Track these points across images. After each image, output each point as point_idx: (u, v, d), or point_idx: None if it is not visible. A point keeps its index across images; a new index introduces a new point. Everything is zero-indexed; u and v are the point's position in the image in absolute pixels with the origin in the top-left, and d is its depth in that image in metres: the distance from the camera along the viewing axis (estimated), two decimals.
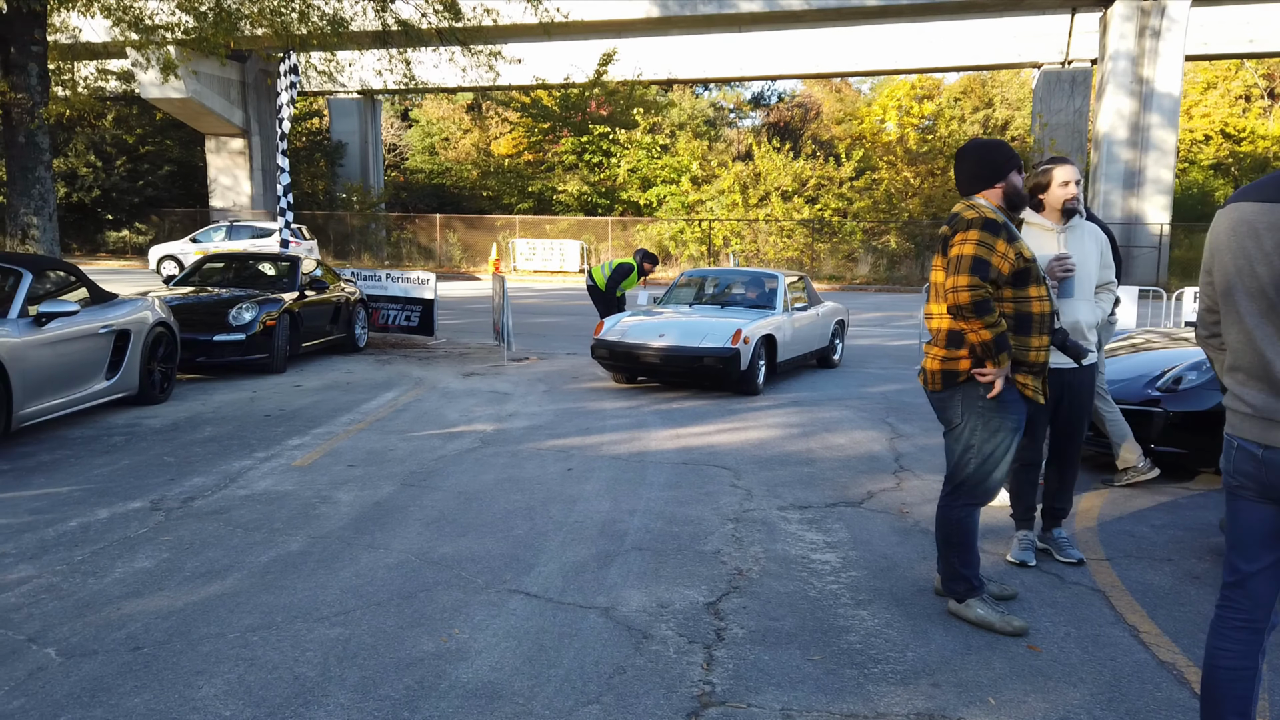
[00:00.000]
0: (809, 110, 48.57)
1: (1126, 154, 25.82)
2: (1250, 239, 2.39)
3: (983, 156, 3.75)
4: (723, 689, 3.19)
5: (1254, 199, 2.41)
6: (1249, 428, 2.43)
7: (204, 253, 24.97)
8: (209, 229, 26.49)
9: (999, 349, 3.53)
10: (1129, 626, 3.78)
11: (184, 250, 25.18)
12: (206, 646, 3.43)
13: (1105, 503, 5.61)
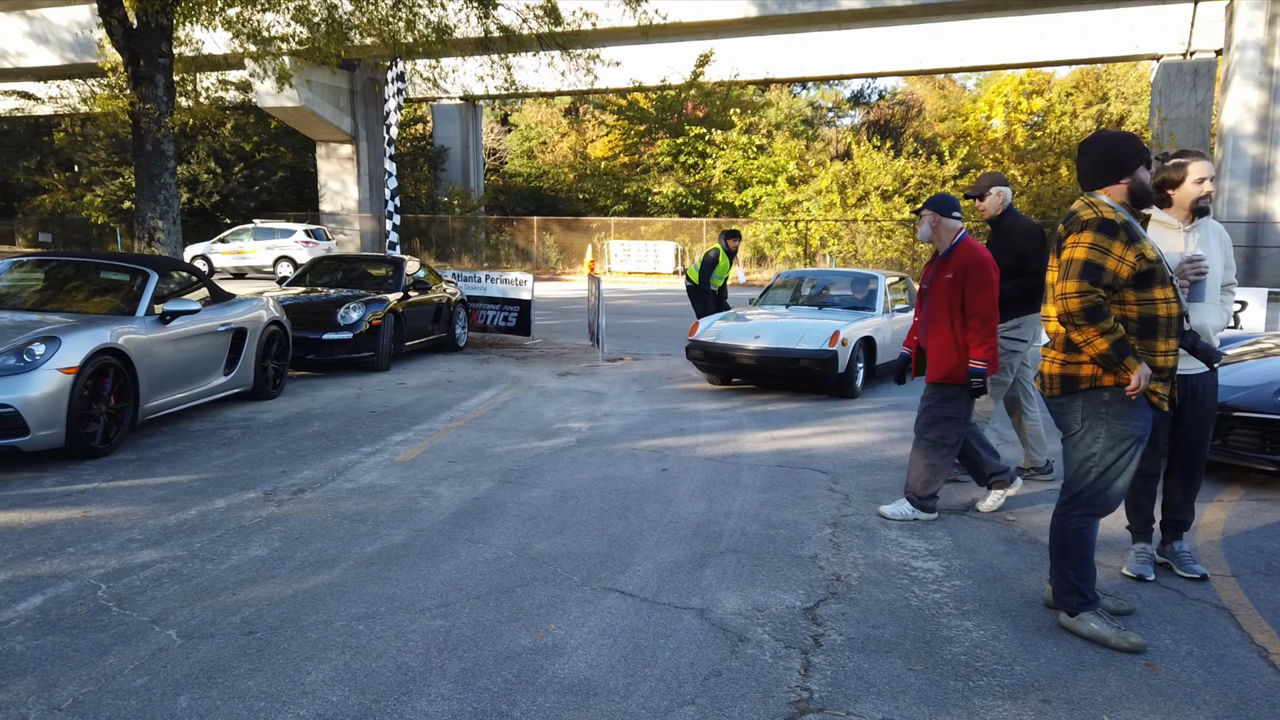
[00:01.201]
0: (911, 108, 47.51)
1: (1254, 149, 24.39)
2: None
3: (1108, 150, 3.56)
4: (820, 695, 3.13)
5: None
6: None
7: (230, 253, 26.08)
8: (236, 230, 27.50)
9: (1120, 356, 3.37)
10: (1258, 647, 3.55)
11: (213, 250, 26.23)
12: (315, 633, 3.55)
13: (1231, 516, 5.30)
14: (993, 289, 4.98)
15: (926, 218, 5.18)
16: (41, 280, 7.55)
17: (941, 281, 5.07)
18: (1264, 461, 5.77)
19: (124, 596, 3.86)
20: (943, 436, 5.06)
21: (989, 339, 4.94)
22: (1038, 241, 5.79)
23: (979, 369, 4.92)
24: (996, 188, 5.90)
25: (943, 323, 5.04)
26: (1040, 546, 4.67)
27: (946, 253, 5.11)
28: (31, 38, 32.19)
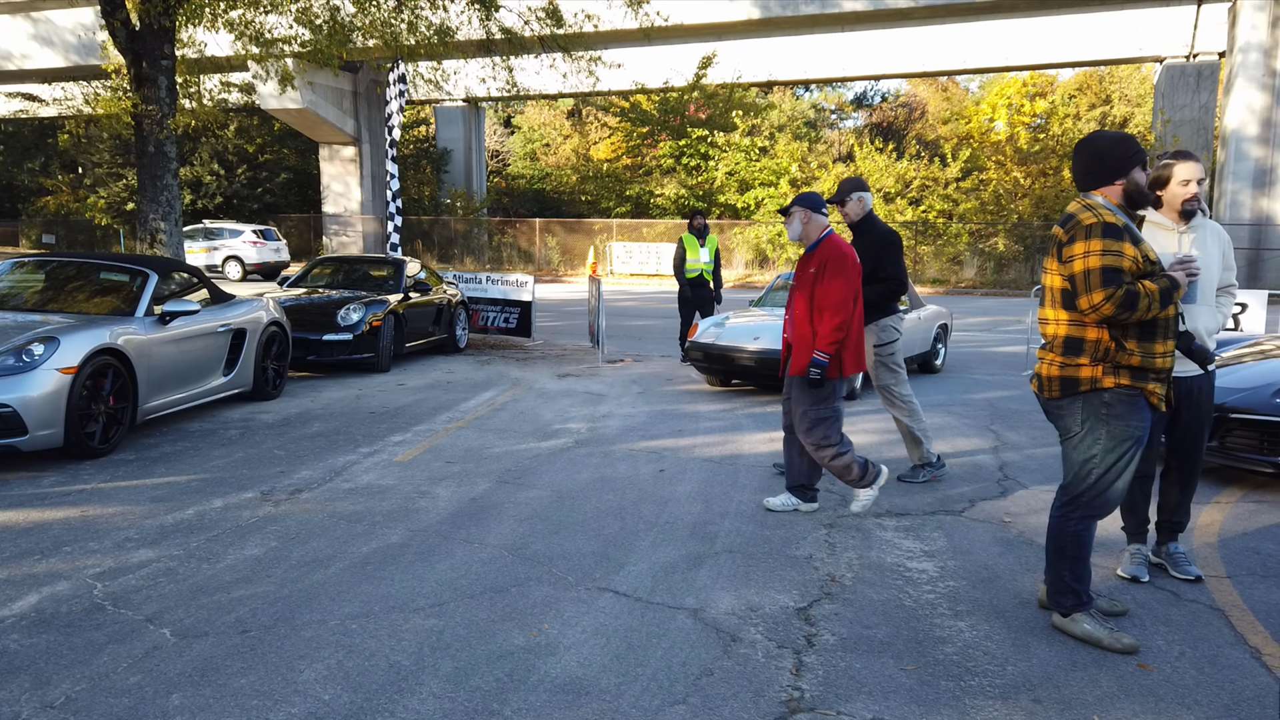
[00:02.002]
0: (914, 110, 47.49)
1: (1257, 151, 24.36)
2: None
3: (1104, 151, 3.54)
4: (812, 695, 3.13)
5: None
6: None
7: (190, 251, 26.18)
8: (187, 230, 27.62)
9: (1169, 298, 3.39)
10: (1251, 648, 3.55)
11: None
12: (309, 632, 3.56)
13: (1228, 517, 5.30)
14: (845, 283, 4.96)
15: (797, 215, 5.17)
16: (42, 281, 7.58)
17: (805, 276, 5.10)
18: (1262, 463, 5.77)
19: (119, 595, 3.87)
20: (825, 438, 5.07)
21: (837, 333, 4.93)
22: (894, 249, 5.87)
23: (821, 360, 4.92)
24: (857, 193, 5.92)
25: (804, 317, 5.05)
26: (1036, 548, 4.67)
27: (811, 248, 5.14)
28: (36, 40, 32.30)
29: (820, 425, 5.07)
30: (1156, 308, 3.36)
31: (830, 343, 4.94)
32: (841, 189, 5.96)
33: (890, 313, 5.95)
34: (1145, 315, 3.35)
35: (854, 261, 5.07)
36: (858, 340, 5.14)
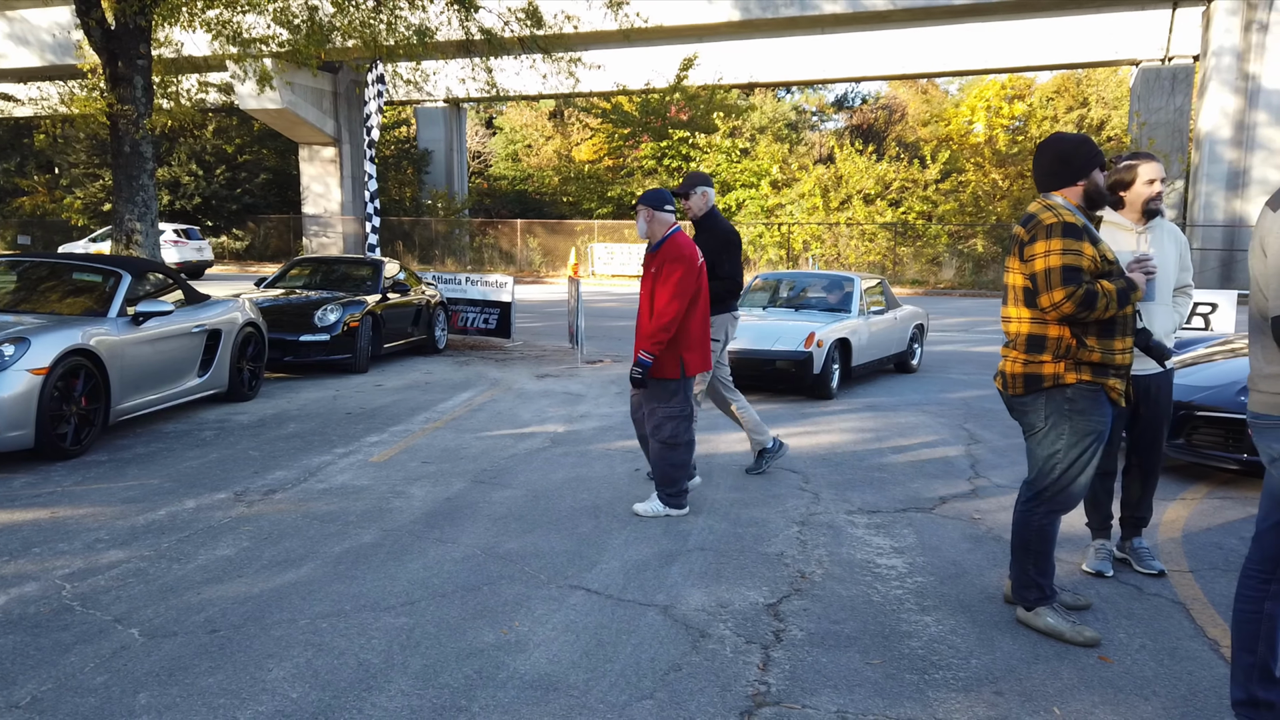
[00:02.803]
0: (894, 112, 47.76)
1: (1230, 154, 24.67)
2: None
3: (1064, 153, 3.61)
4: (778, 689, 3.17)
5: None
6: None
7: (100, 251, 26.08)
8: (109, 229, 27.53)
9: (1126, 298, 3.47)
10: (1210, 640, 3.62)
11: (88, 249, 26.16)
12: (278, 631, 3.56)
13: (1193, 514, 5.38)
14: (679, 283, 4.91)
15: (642, 213, 5.13)
16: (14, 281, 7.52)
17: (648, 276, 5.07)
18: (1227, 460, 5.86)
19: (88, 596, 3.86)
20: (673, 435, 5.06)
21: (660, 333, 4.89)
22: (734, 248, 5.86)
23: (645, 360, 4.91)
24: (701, 187, 5.86)
25: (646, 317, 5.01)
26: (1004, 544, 4.72)
27: (655, 247, 5.11)
28: (11, 39, 31.97)
29: (670, 423, 5.06)
30: (1114, 307, 3.42)
31: (654, 343, 4.89)
32: (687, 181, 5.89)
33: (725, 310, 5.85)
34: (1104, 314, 3.41)
35: (693, 261, 5.03)
36: (702, 339, 5.08)
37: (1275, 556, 2.82)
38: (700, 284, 5.09)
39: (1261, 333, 2.75)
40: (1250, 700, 2.81)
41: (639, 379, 4.96)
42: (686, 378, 5.09)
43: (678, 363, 5.02)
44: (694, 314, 5.05)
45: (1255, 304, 2.77)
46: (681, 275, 4.94)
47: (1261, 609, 2.82)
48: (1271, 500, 2.84)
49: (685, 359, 5.04)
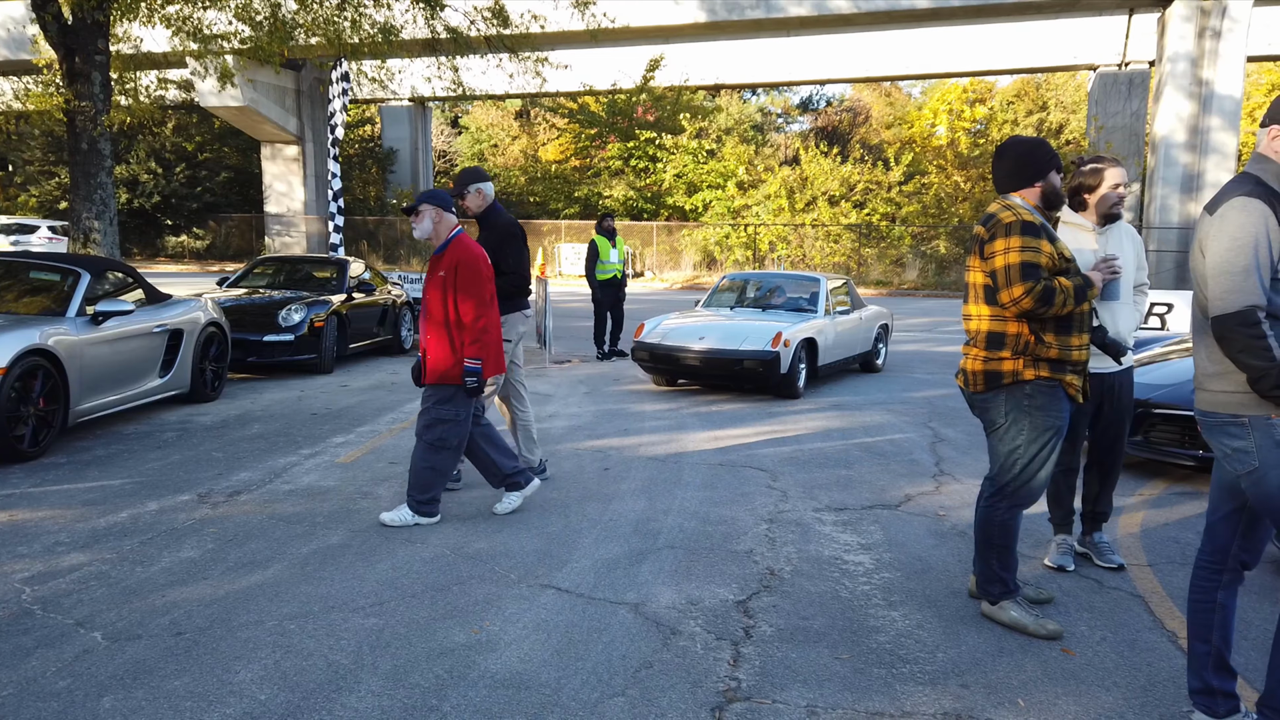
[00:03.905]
0: (858, 114, 48.19)
1: (1185, 157, 25.20)
2: None
3: (1023, 155, 3.70)
4: (748, 685, 3.19)
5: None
6: None
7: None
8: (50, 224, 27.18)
9: (1083, 295, 3.55)
10: (1168, 632, 3.70)
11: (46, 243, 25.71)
12: (245, 633, 3.52)
13: (1151, 509, 5.50)
14: (483, 285, 4.83)
15: (427, 213, 4.89)
16: None
17: (436, 279, 4.86)
18: (1184, 456, 5.99)
19: (49, 600, 3.79)
20: (441, 439, 4.87)
21: (482, 335, 4.78)
22: (517, 241, 5.71)
23: (473, 367, 4.76)
24: (476, 185, 5.69)
25: (438, 322, 4.83)
26: (968, 539, 4.79)
27: (441, 248, 4.90)
28: None
29: (442, 426, 4.87)
30: (1071, 303, 3.50)
31: (478, 347, 4.77)
32: (459, 181, 5.71)
33: (515, 309, 5.73)
34: (1061, 310, 3.49)
35: (486, 261, 4.91)
36: (496, 343, 4.95)
37: (1226, 547, 2.91)
38: (494, 284, 4.96)
39: (1205, 332, 2.82)
40: (1206, 689, 2.88)
41: (475, 386, 4.76)
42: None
43: (462, 367, 4.80)
44: (492, 315, 4.90)
45: (1198, 304, 2.84)
46: (485, 272, 4.83)
47: (1214, 599, 2.90)
48: (1220, 493, 2.93)
49: None
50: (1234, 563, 2.91)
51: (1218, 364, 2.78)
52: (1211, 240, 2.71)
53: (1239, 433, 2.74)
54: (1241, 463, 2.75)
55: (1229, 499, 2.90)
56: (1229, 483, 2.88)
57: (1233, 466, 2.79)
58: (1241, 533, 2.90)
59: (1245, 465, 2.74)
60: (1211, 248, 2.71)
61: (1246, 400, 2.71)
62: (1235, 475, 2.80)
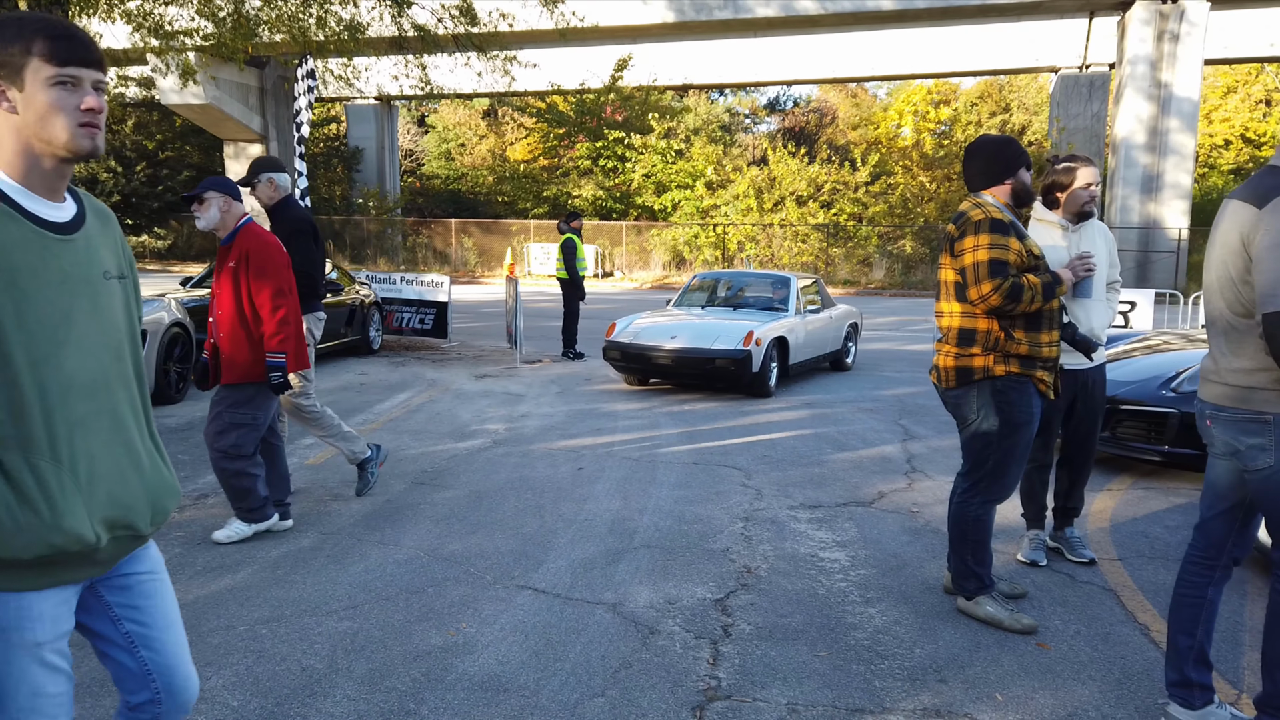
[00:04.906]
0: (824, 115, 48.52)
1: (1145, 158, 25.65)
2: None
3: (993, 153, 3.73)
4: (729, 683, 3.18)
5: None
6: None
7: None
8: None
9: (1052, 289, 3.59)
10: (1140, 625, 3.75)
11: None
12: (216, 639, 3.46)
13: (1119, 504, 5.57)
14: (279, 273, 4.50)
15: (214, 201, 4.53)
16: None
17: (227, 271, 4.51)
18: (1150, 452, 6.08)
19: None
20: (236, 446, 4.53)
21: (283, 328, 4.46)
22: (304, 237, 5.46)
23: (276, 361, 4.46)
24: (268, 174, 5.39)
25: (232, 317, 4.49)
26: (942, 536, 4.83)
27: (229, 239, 4.55)
28: None
29: (235, 431, 4.53)
30: (1040, 300, 3.54)
31: (279, 340, 4.45)
32: (252, 169, 5.40)
33: (305, 310, 5.42)
34: (1029, 307, 3.53)
35: (279, 248, 4.59)
36: (298, 335, 4.62)
37: (1221, 544, 2.92)
38: (291, 275, 4.65)
39: (1225, 327, 2.75)
40: (1184, 681, 2.91)
41: (281, 381, 4.47)
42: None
43: (262, 364, 4.51)
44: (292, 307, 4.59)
45: (1219, 298, 2.76)
46: (279, 261, 4.52)
47: (1204, 595, 2.92)
48: (1215, 490, 2.91)
49: None
50: (1227, 559, 2.93)
51: (1246, 359, 2.70)
52: (1265, 234, 2.58)
53: (1258, 429, 2.69)
54: (1253, 459, 2.71)
55: (1226, 496, 2.89)
56: (1226, 480, 2.87)
57: (1241, 461, 2.75)
58: (1236, 529, 2.91)
59: (1259, 462, 2.70)
60: (1265, 241, 2.58)
61: (1272, 398, 2.66)
62: (1239, 470, 2.78)
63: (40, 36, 1.64)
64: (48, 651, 1.68)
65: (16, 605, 1.64)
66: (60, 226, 1.71)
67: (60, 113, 1.65)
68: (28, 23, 1.64)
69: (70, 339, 1.67)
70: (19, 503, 1.61)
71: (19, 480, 1.61)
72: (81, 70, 1.67)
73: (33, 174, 1.69)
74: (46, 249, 1.67)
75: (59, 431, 1.66)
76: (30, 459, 1.63)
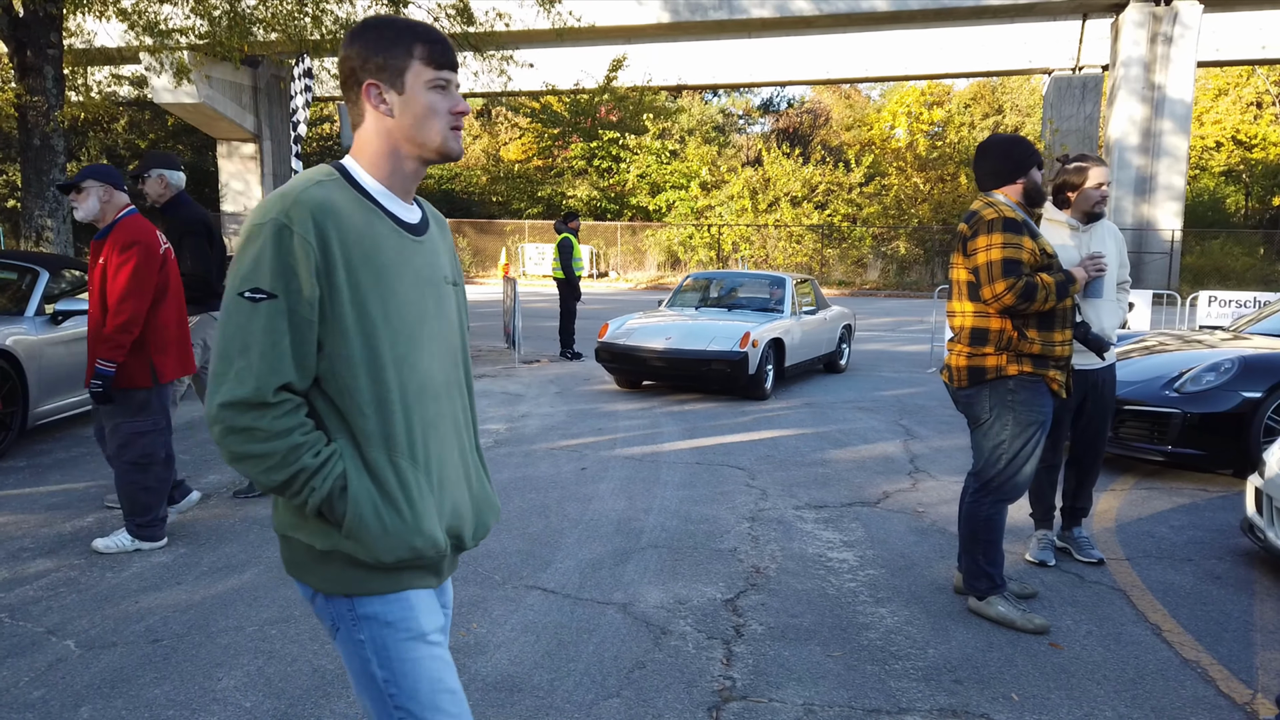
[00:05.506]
0: (818, 116, 48.59)
1: (1138, 160, 25.75)
2: None
3: (1005, 152, 3.73)
4: (744, 684, 3.17)
5: None
6: None
7: None
8: None
9: (1066, 288, 3.59)
10: (1151, 625, 3.74)
11: None
12: (225, 639, 3.43)
13: (1123, 504, 5.58)
14: (146, 273, 4.22)
15: (93, 190, 4.31)
16: None
17: (97, 269, 4.26)
18: (1153, 452, 6.09)
19: (16, 607, 3.66)
20: (145, 455, 4.33)
21: (121, 334, 4.14)
22: (194, 237, 5.17)
23: (104, 370, 4.15)
24: (159, 170, 5.15)
25: (98, 317, 4.23)
26: (948, 536, 4.83)
27: (104, 232, 4.31)
28: None
29: (141, 440, 4.31)
30: (1054, 299, 3.53)
31: (114, 348, 4.13)
32: (143, 162, 5.17)
33: (201, 311, 5.23)
34: (1043, 306, 3.53)
35: (152, 247, 4.29)
36: (179, 338, 4.42)
37: None
38: (168, 274, 4.39)
39: None
40: None
41: (100, 391, 4.17)
42: (160, 385, 4.36)
43: (148, 368, 4.28)
44: (164, 309, 4.35)
45: None
46: (138, 264, 4.19)
47: None
48: None
49: (157, 363, 4.31)
50: None
51: None
52: None
53: None
54: None
55: None
56: None
57: None
58: None
59: None
60: None
61: None
62: None
63: (419, 40, 1.64)
64: (437, 643, 1.66)
65: (398, 600, 1.62)
66: (413, 228, 1.70)
67: (436, 116, 1.64)
68: (405, 26, 1.64)
69: (423, 339, 1.66)
70: (384, 503, 1.58)
71: (383, 479, 1.59)
72: (452, 74, 1.67)
73: (395, 175, 1.68)
74: (405, 248, 1.65)
75: (415, 431, 1.64)
76: (393, 457, 1.60)
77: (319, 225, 1.53)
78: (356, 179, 1.65)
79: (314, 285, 1.52)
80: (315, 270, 1.52)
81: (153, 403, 4.36)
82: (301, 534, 1.60)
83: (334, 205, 1.56)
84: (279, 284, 1.50)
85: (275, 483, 1.54)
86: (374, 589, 1.61)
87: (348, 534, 1.56)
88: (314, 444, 1.54)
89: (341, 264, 1.54)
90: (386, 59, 1.63)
